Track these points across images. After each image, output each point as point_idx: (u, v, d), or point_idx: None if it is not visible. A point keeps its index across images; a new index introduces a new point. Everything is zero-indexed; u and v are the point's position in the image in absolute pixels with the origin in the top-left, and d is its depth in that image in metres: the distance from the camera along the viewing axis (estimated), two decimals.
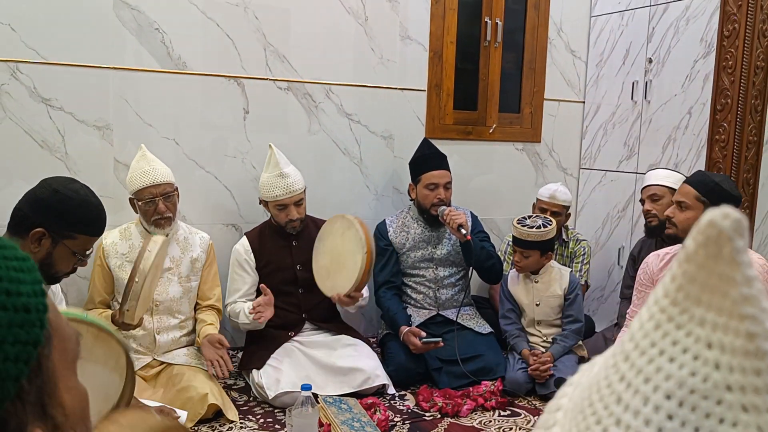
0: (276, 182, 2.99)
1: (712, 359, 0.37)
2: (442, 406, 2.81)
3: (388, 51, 3.59)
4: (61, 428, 0.51)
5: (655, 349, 0.39)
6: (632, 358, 0.40)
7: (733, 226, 0.37)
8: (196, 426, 2.55)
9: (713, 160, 3.36)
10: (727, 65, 3.30)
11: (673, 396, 0.38)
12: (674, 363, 0.38)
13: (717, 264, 0.38)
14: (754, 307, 0.37)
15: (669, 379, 0.38)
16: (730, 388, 0.37)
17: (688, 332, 0.38)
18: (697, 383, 0.37)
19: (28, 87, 2.93)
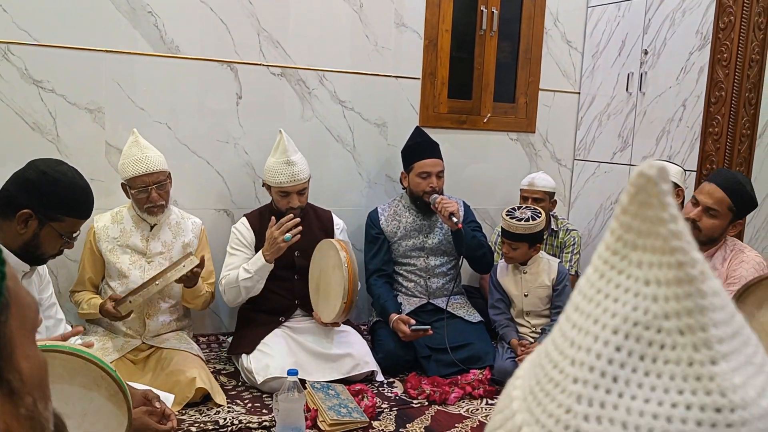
0: (282, 169, 2.98)
1: (650, 294, 0.41)
2: (429, 394, 2.82)
3: (382, 38, 3.58)
4: (18, 393, 0.51)
5: (600, 294, 0.43)
6: (581, 306, 0.44)
7: (658, 174, 0.41)
8: (184, 409, 2.56)
9: (706, 152, 3.36)
10: (722, 58, 3.29)
11: (619, 330, 0.41)
12: (618, 302, 0.42)
13: (647, 209, 0.41)
14: (681, 240, 0.41)
15: (614, 317, 0.42)
16: (667, 316, 0.41)
17: (628, 275, 0.42)
18: (639, 316, 0.41)
19: (19, 69, 2.91)
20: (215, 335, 3.38)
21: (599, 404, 0.41)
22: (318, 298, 3.01)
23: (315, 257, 3.03)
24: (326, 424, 2.50)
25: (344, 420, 2.52)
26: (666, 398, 0.40)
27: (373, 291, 3.29)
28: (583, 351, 0.42)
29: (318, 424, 2.52)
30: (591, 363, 0.42)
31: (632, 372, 0.41)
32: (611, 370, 0.41)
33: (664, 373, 0.40)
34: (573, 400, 0.41)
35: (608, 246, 0.43)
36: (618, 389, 0.41)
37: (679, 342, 0.40)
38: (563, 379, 0.43)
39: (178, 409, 2.51)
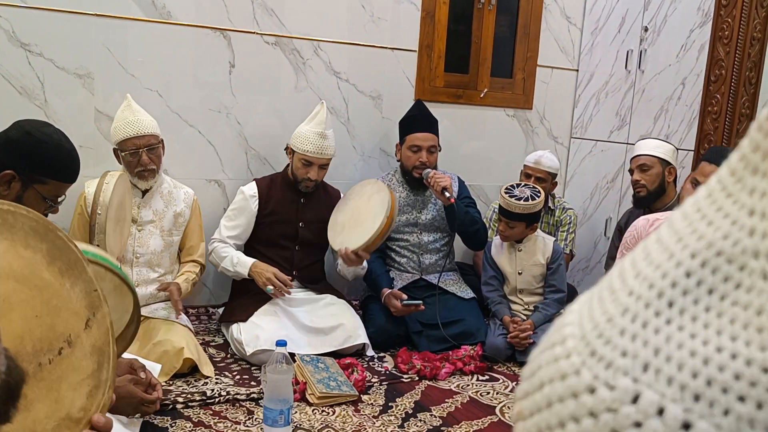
0: (314, 139, 2.97)
1: (749, 225, 0.36)
2: (420, 369, 2.80)
3: (379, 9, 3.51)
4: None
5: (698, 214, 0.38)
6: (675, 224, 0.40)
7: None
8: (171, 380, 2.54)
9: (705, 132, 3.33)
10: (723, 35, 3.24)
11: (698, 255, 0.37)
12: (711, 226, 0.37)
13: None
14: None
15: (700, 240, 0.37)
16: (757, 255, 0.35)
17: (735, 200, 0.37)
18: (726, 246, 0.36)
19: (6, 31, 2.84)
20: (204, 307, 3.35)
21: (641, 324, 0.37)
22: (349, 233, 2.99)
23: (339, 207, 3.09)
24: (315, 396, 2.48)
25: (333, 393, 2.50)
26: (715, 340, 0.35)
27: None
28: (653, 267, 0.38)
29: (306, 397, 2.49)
30: (653, 280, 0.38)
31: (693, 303, 0.36)
32: (671, 293, 0.37)
33: (725, 314, 0.35)
34: (619, 312, 0.38)
35: (730, 165, 0.38)
36: (668, 315, 0.36)
37: (757, 286, 0.35)
38: (621, 289, 0.39)
39: (165, 379, 2.48)
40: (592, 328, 0.39)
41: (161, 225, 2.84)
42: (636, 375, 0.36)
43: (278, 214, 3.07)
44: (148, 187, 2.81)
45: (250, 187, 3.08)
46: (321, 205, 3.13)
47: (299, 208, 3.10)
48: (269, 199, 3.07)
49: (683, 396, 0.35)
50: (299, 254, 3.10)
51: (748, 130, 0.38)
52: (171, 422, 2.27)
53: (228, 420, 2.33)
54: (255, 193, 3.06)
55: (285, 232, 3.09)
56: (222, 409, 2.41)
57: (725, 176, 0.38)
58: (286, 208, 3.09)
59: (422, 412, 2.48)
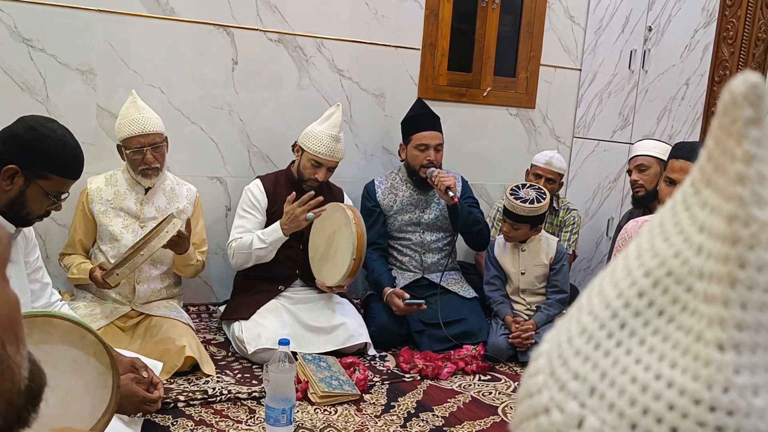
0: (327, 141, 2.94)
1: (698, 243, 0.35)
2: (422, 368, 2.79)
3: (383, 7, 3.50)
4: None
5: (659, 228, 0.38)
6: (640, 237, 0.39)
7: (745, 93, 0.33)
8: (172, 378, 2.52)
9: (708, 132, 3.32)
10: (728, 36, 3.23)
11: (650, 274, 0.36)
12: (667, 242, 0.36)
13: (726, 137, 0.34)
14: (745, 187, 0.33)
15: (654, 258, 0.36)
16: (701, 276, 0.34)
17: (690, 215, 0.36)
18: (676, 265, 0.35)
19: (8, 26, 2.83)
20: (205, 305, 3.34)
21: (594, 345, 0.37)
22: (322, 264, 2.97)
23: (316, 225, 2.99)
24: (317, 396, 2.47)
25: (335, 392, 2.49)
26: (656, 367, 0.34)
27: (367, 264, 3.24)
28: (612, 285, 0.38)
29: (308, 396, 2.48)
30: (609, 300, 0.37)
31: (643, 326, 0.36)
32: (623, 315, 0.36)
33: (669, 339, 0.35)
34: (577, 332, 0.38)
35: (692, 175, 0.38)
36: (619, 337, 0.36)
37: (699, 310, 0.34)
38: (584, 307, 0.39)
39: (166, 377, 2.47)
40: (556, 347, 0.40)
41: None
42: (583, 399, 0.36)
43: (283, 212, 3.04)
44: (151, 185, 2.80)
45: (255, 185, 3.06)
46: (324, 203, 3.10)
47: None
48: (275, 197, 3.04)
49: (621, 424, 0.35)
50: (303, 252, 3.08)
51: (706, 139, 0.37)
52: (172, 421, 2.26)
53: (229, 419, 2.32)
54: (262, 189, 3.04)
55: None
56: (223, 407, 2.39)
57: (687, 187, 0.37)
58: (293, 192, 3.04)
59: (424, 412, 2.47)
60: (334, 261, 2.90)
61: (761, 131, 0.33)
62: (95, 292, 2.78)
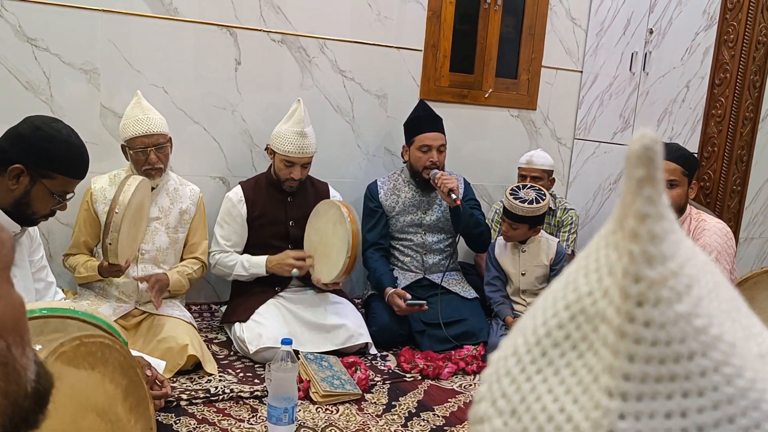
0: (293, 138, 2.94)
1: (606, 286, 0.36)
2: (423, 368, 2.80)
3: (386, 8, 3.51)
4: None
5: (584, 261, 0.39)
6: (572, 266, 0.41)
7: (638, 152, 0.34)
8: (175, 377, 2.54)
9: (708, 134, 3.33)
10: (729, 39, 3.25)
11: (569, 308, 0.38)
12: (585, 279, 0.38)
13: (626, 190, 0.35)
14: (637, 245, 0.34)
15: (574, 292, 0.38)
16: (604, 319, 0.36)
17: (606, 254, 0.37)
18: (587, 304, 0.37)
19: (13, 25, 2.84)
20: (207, 304, 3.35)
21: (520, 368, 0.39)
22: (317, 261, 2.97)
23: (311, 222, 3.00)
24: (319, 395, 2.48)
25: (337, 392, 2.50)
26: (562, 399, 0.36)
27: (369, 264, 3.26)
28: (541, 310, 0.40)
29: (310, 395, 2.50)
30: (536, 326, 0.39)
31: (559, 356, 0.37)
32: (545, 343, 0.38)
33: (577, 374, 0.36)
34: (510, 351, 0.40)
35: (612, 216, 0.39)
36: (539, 365, 0.38)
37: (600, 352, 0.35)
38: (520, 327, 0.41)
39: (169, 376, 2.48)
40: (497, 360, 0.42)
41: (167, 222, 2.85)
42: (506, 419, 0.38)
43: (267, 215, 3.04)
44: (155, 185, 2.81)
45: (235, 192, 3.06)
46: (309, 200, 3.09)
47: (287, 208, 3.07)
48: (256, 202, 3.04)
49: None
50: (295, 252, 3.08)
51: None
52: (175, 419, 2.28)
53: (232, 417, 2.34)
54: (241, 197, 3.04)
55: (276, 233, 3.05)
56: (226, 406, 2.41)
57: (609, 223, 0.38)
58: (274, 209, 3.05)
59: (425, 412, 2.49)
60: (329, 258, 2.91)
61: (654, 189, 0.34)
62: (98, 290, 2.80)
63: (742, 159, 3.30)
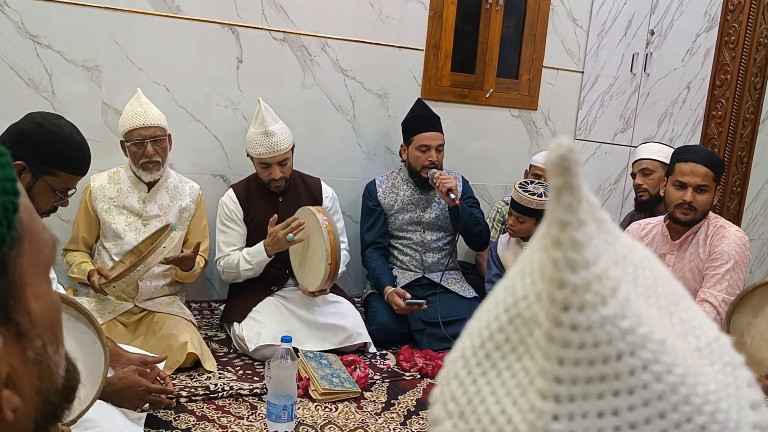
0: (260, 140, 2.92)
1: (538, 290, 0.37)
2: (422, 367, 2.81)
3: (387, 7, 3.52)
4: (27, 335, 0.47)
5: (518, 266, 0.40)
6: (514, 268, 0.41)
7: (554, 161, 0.35)
8: (175, 374, 2.54)
9: (708, 135, 3.34)
10: (729, 40, 3.25)
11: (508, 311, 0.39)
12: (522, 281, 0.39)
13: (549, 198, 0.36)
14: (559, 252, 0.35)
15: (513, 295, 0.39)
16: (538, 324, 0.36)
17: (539, 258, 0.38)
18: (523, 308, 0.38)
19: (15, 22, 2.85)
20: (207, 302, 3.36)
21: (466, 371, 0.39)
22: (303, 270, 2.97)
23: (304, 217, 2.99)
24: (318, 393, 2.49)
25: (336, 390, 2.51)
26: (504, 401, 0.37)
27: (368, 263, 3.26)
28: (485, 312, 0.41)
29: (309, 393, 2.50)
30: (480, 329, 0.40)
31: (501, 359, 0.38)
32: (488, 346, 0.39)
33: (516, 377, 0.37)
34: (458, 354, 0.41)
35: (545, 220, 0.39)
36: (484, 367, 0.39)
37: (535, 355, 0.36)
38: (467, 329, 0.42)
39: (168, 373, 2.49)
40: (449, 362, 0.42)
41: (166, 220, 2.85)
42: (455, 421, 0.39)
43: (260, 216, 3.01)
44: (153, 180, 2.81)
45: (228, 196, 3.06)
46: (301, 198, 3.07)
47: (279, 207, 3.05)
48: (249, 204, 3.04)
49: None
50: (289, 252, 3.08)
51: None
52: (175, 416, 2.28)
53: (231, 414, 2.34)
54: (235, 199, 3.04)
55: None
56: (225, 403, 2.42)
57: (542, 227, 0.38)
58: (267, 210, 3.01)
59: (424, 410, 2.49)
60: (312, 267, 2.90)
61: (573, 197, 0.35)
62: None
63: (742, 160, 3.31)
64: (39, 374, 0.49)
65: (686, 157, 2.53)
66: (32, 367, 0.48)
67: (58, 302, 0.52)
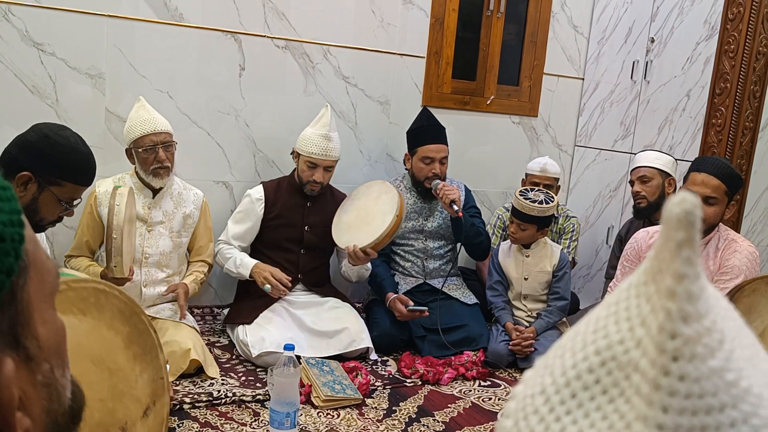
0: (318, 141, 3.00)
1: (638, 336, 0.38)
2: (423, 374, 2.82)
3: (389, 14, 3.54)
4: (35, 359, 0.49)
5: (614, 308, 0.41)
6: (600, 310, 0.42)
7: (678, 216, 0.36)
8: (178, 380, 2.56)
9: (708, 143, 3.36)
10: (729, 49, 3.27)
11: (600, 353, 0.39)
12: (616, 326, 0.39)
13: (665, 250, 0.37)
14: (674, 304, 0.36)
15: (605, 338, 0.39)
16: (636, 369, 0.37)
17: (638, 304, 0.39)
18: (619, 352, 0.38)
19: (20, 30, 2.87)
20: (209, 307, 3.37)
21: (549, 408, 0.40)
22: (356, 230, 3.01)
23: (346, 202, 3.13)
24: (320, 399, 2.50)
25: (338, 396, 2.52)
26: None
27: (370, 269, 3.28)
28: (570, 352, 0.41)
29: (311, 400, 2.52)
30: (566, 367, 0.40)
31: (589, 400, 0.39)
32: (575, 385, 0.40)
33: (607, 419, 0.38)
34: (538, 390, 0.41)
35: (645, 264, 0.40)
36: (569, 406, 0.39)
37: (632, 400, 0.37)
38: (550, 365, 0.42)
39: (171, 380, 2.51)
40: (523, 397, 0.43)
41: (170, 226, 2.87)
42: None
43: (284, 217, 3.09)
44: (162, 185, 2.83)
45: (257, 191, 3.11)
46: (327, 208, 3.15)
47: (305, 212, 3.12)
48: (275, 203, 3.09)
49: None
50: (304, 258, 3.12)
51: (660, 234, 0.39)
52: (178, 423, 2.30)
53: (234, 421, 2.36)
54: (261, 196, 3.09)
55: (291, 236, 3.11)
56: (228, 410, 2.43)
57: (640, 274, 0.40)
58: (293, 212, 3.11)
59: (425, 417, 2.51)
60: (370, 225, 2.97)
61: (692, 251, 0.36)
62: None
63: (742, 168, 3.32)
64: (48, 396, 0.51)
65: (701, 168, 2.53)
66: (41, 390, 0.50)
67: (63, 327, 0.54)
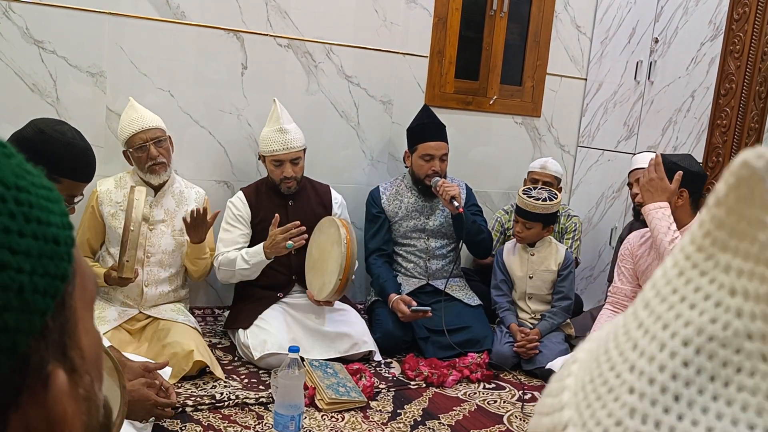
0: (275, 137, 2.93)
1: (735, 306, 0.36)
2: (427, 376, 2.80)
3: (392, 14, 3.51)
4: (78, 371, 0.46)
5: (676, 295, 0.38)
6: (652, 305, 0.39)
7: (766, 167, 0.35)
8: (180, 382, 2.53)
9: (713, 144, 3.34)
10: (734, 49, 3.25)
11: (690, 343, 0.36)
12: (695, 310, 0.37)
13: (747, 207, 0.35)
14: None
15: (688, 326, 0.37)
16: (750, 337, 0.35)
17: (711, 279, 0.37)
18: (716, 331, 0.36)
19: (20, 27, 2.83)
20: (210, 308, 3.34)
21: (654, 423, 0.36)
22: (313, 276, 2.96)
23: (314, 235, 2.98)
24: (324, 402, 2.48)
25: (342, 399, 2.50)
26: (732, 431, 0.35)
27: (372, 270, 3.25)
28: (646, 358, 0.37)
29: (316, 402, 2.49)
30: (652, 374, 0.37)
31: (698, 393, 0.36)
32: (674, 386, 0.36)
33: (735, 402, 0.35)
34: (626, 413, 0.37)
35: (694, 240, 0.38)
36: (678, 410, 0.36)
37: (759, 369, 0.35)
38: (619, 386, 0.38)
39: (174, 381, 2.48)
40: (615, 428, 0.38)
41: (173, 225, 2.84)
42: None
43: (268, 220, 2.96)
44: (161, 182, 2.81)
45: (238, 197, 3.05)
46: (311, 204, 3.08)
47: (288, 213, 3.03)
48: (258, 207, 3.03)
49: None
50: (296, 258, 3.06)
51: (707, 205, 0.37)
52: (181, 425, 2.27)
53: (237, 424, 2.33)
54: (244, 201, 3.03)
55: None
56: (231, 412, 2.40)
57: (693, 252, 0.37)
58: (277, 213, 2.96)
59: (431, 420, 2.48)
60: (323, 277, 2.89)
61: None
62: (103, 295, 2.79)
63: None
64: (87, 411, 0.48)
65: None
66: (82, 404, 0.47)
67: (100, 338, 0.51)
